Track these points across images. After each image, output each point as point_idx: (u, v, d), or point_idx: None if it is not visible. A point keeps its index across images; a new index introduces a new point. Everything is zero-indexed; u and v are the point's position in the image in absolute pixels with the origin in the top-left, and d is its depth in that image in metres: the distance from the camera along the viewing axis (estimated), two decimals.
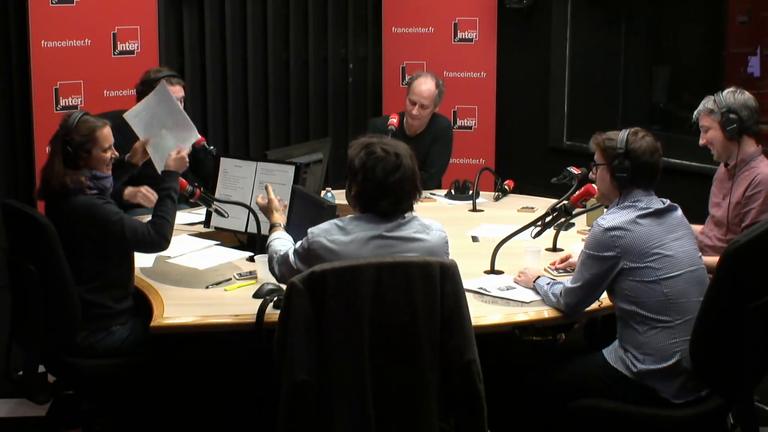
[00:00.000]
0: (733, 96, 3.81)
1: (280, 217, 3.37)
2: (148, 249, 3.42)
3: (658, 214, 3.12)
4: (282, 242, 3.16)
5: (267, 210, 3.42)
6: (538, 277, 3.37)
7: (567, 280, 3.19)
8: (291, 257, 2.94)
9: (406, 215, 2.88)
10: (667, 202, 3.18)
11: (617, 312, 3.13)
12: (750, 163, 3.79)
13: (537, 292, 3.32)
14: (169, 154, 3.64)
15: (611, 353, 3.15)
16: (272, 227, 3.32)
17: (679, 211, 3.20)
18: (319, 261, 2.79)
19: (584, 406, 3.11)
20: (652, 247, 3.04)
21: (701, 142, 3.87)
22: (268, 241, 3.22)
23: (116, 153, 3.53)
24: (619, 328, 3.13)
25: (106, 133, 3.46)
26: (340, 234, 2.82)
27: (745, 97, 3.82)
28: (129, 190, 4.43)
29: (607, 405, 3.09)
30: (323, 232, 2.85)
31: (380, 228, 2.83)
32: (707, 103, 3.85)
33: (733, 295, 2.93)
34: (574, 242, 3.96)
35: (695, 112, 3.91)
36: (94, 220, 3.30)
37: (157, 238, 3.36)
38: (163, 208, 3.44)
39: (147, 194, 4.45)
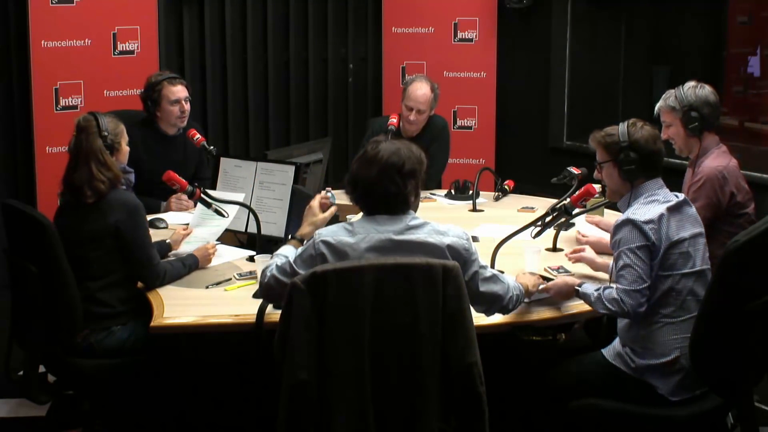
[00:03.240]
0: (694, 92, 3.82)
1: (307, 229, 3.22)
2: (147, 273, 3.39)
3: (678, 207, 3.12)
4: (283, 254, 3.02)
5: (308, 214, 3.28)
6: (581, 284, 3.19)
7: (620, 283, 3.05)
8: (291, 263, 2.87)
9: (415, 219, 2.83)
10: (682, 195, 3.18)
11: None
12: (706, 155, 3.84)
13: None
14: (206, 245, 3.70)
15: (610, 351, 3.16)
16: (291, 238, 3.20)
17: (693, 208, 3.20)
18: (324, 262, 2.78)
19: (584, 405, 3.11)
20: (674, 242, 3.05)
21: (663, 136, 3.89)
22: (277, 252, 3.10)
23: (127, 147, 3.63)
24: (620, 324, 3.14)
25: (124, 128, 3.57)
26: (347, 235, 2.80)
27: (706, 92, 3.83)
28: (164, 206, 4.56)
29: (606, 404, 3.09)
30: (330, 233, 2.83)
31: (387, 230, 2.80)
32: (669, 99, 3.86)
33: (733, 294, 2.93)
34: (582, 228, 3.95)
35: (657, 107, 3.93)
36: (133, 217, 3.36)
37: (161, 276, 3.40)
38: (176, 262, 3.52)
39: (178, 201, 4.52)
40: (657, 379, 3.05)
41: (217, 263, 3.70)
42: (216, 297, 3.36)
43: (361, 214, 2.92)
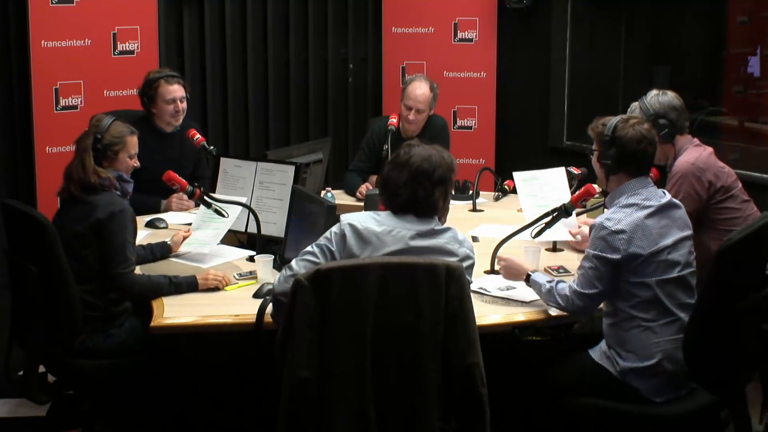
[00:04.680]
0: (657, 100, 3.82)
1: None
2: (114, 281, 3.36)
3: (662, 210, 3.10)
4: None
5: None
6: (532, 272, 3.29)
7: (574, 282, 3.13)
8: (309, 251, 2.87)
9: (438, 224, 2.89)
10: (668, 196, 3.15)
11: (604, 308, 3.15)
12: (679, 155, 3.84)
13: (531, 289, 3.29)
14: (209, 272, 3.46)
15: (596, 351, 3.17)
16: None
17: (682, 210, 3.18)
18: (343, 243, 2.81)
19: (575, 404, 3.13)
20: (654, 251, 3.03)
21: None
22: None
23: (138, 163, 3.60)
24: (604, 325, 3.15)
25: (135, 141, 3.58)
26: (374, 224, 2.83)
27: (669, 97, 3.84)
28: (164, 205, 4.54)
29: (595, 402, 3.11)
30: (358, 218, 2.86)
31: (413, 228, 2.84)
32: (634, 112, 3.86)
33: (726, 292, 2.94)
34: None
35: None
36: (114, 218, 3.34)
37: (128, 285, 3.33)
38: (158, 277, 3.39)
39: (179, 201, 4.51)
40: (639, 382, 3.06)
41: (217, 263, 3.70)
42: (216, 297, 3.36)
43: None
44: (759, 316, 3.08)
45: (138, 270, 3.48)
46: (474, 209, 4.72)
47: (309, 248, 2.88)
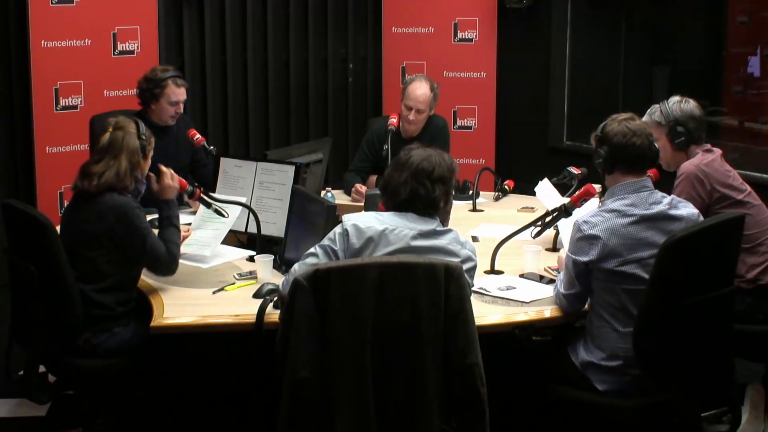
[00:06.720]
0: (679, 107, 3.80)
1: None
2: (159, 268, 3.41)
3: (649, 220, 3.06)
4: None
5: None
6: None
7: (559, 282, 3.20)
8: (315, 250, 2.89)
9: (440, 225, 2.90)
10: (665, 206, 3.09)
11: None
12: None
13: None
14: (163, 180, 3.54)
15: (572, 343, 3.20)
16: None
17: (681, 223, 3.07)
18: (347, 239, 2.82)
19: (545, 389, 3.18)
20: (626, 262, 3.02)
21: None
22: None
23: None
24: (588, 316, 3.19)
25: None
26: (376, 224, 2.85)
27: (691, 106, 3.81)
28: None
29: (557, 388, 3.17)
30: (361, 218, 2.88)
31: (414, 228, 2.85)
32: (654, 114, 3.83)
33: (672, 288, 2.94)
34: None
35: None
36: (125, 221, 3.33)
37: (171, 259, 3.39)
38: (169, 236, 3.46)
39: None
40: (596, 376, 3.08)
41: (217, 263, 3.70)
42: (216, 297, 3.36)
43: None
44: (719, 314, 3.08)
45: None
46: (474, 209, 4.72)
47: (312, 250, 2.89)
